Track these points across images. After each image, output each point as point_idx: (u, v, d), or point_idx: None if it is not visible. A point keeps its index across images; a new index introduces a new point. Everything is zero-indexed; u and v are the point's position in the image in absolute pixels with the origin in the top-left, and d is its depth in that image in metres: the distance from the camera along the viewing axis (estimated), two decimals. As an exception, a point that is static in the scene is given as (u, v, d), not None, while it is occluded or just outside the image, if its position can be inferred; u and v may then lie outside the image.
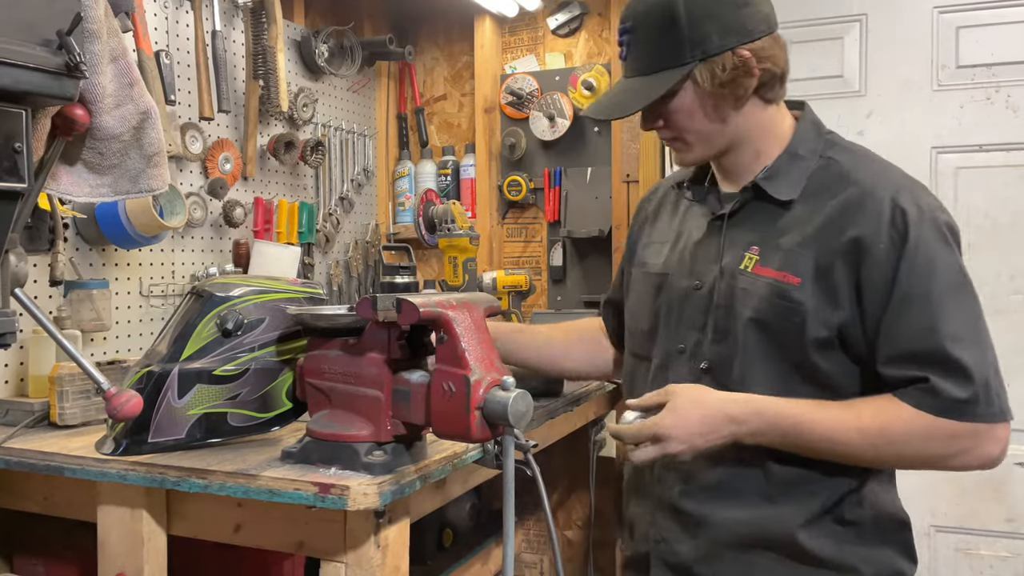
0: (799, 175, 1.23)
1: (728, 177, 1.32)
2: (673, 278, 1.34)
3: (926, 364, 1.12)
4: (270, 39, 2.25)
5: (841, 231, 1.17)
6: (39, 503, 1.44)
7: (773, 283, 1.19)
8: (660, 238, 1.42)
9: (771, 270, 1.20)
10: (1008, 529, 2.20)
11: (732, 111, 1.23)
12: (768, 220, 1.24)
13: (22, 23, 0.90)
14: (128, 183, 1.14)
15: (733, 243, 1.26)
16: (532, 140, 2.80)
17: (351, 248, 2.76)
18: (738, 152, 1.27)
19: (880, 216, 1.15)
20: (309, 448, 1.22)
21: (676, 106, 1.23)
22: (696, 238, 1.33)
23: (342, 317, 1.22)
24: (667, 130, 1.27)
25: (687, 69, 1.19)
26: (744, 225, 1.26)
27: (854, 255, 1.15)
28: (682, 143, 1.27)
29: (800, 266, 1.18)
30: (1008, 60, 2.19)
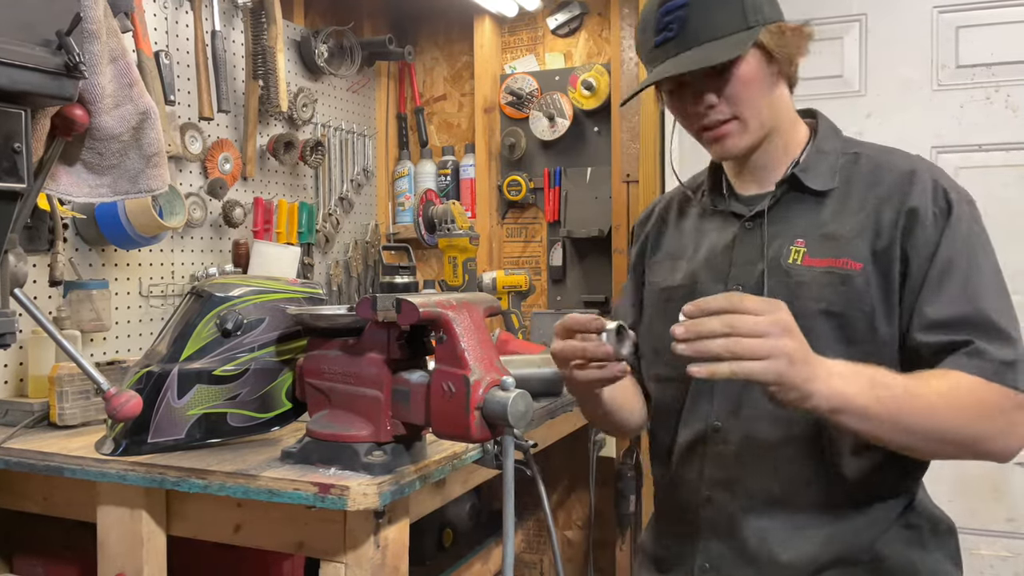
0: (830, 168, 1.21)
1: (753, 176, 1.26)
2: (703, 287, 1.24)
3: (970, 328, 1.09)
4: (270, 39, 2.25)
5: (899, 206, 1.14)
6: (39, 503, 1.44)
7: (834, 271, 1.14)
8: (671, 254, 1.34)
9: (828, 259, 1.15)
10: (1008, 529, 2.20)
11: (774, 88, 1.20)
12: (806, 213, 1.20)
13: (21, 23, 0.90)
14: (127, 183, 1.14)
15: (772, 241, 1.20)
16: (532, 140, 2.80)
17: (351, 248, 2.76)
18: (771, 144, 1.22)
19: (926, 191, 1.15)
20: (309, 448, 1.22)
21: (742, 73, 1.15)
22: (724, 242, 1.25)
23: (342, 317, 1.22)
24: (722, 107, 1.17)
25: (756, 32, 1.15)
26: (781, 221, 1.21)
27: (908, 226, 1.13)
28: (739, 123, 1.18)
29: (859, 252, 1.14)
30: (1008, 60, 2.18)
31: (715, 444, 1.22)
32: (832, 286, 1.14)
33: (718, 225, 1.28)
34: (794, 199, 1.21)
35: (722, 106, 1.18)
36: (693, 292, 1.24)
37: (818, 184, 1.20)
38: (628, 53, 2.63)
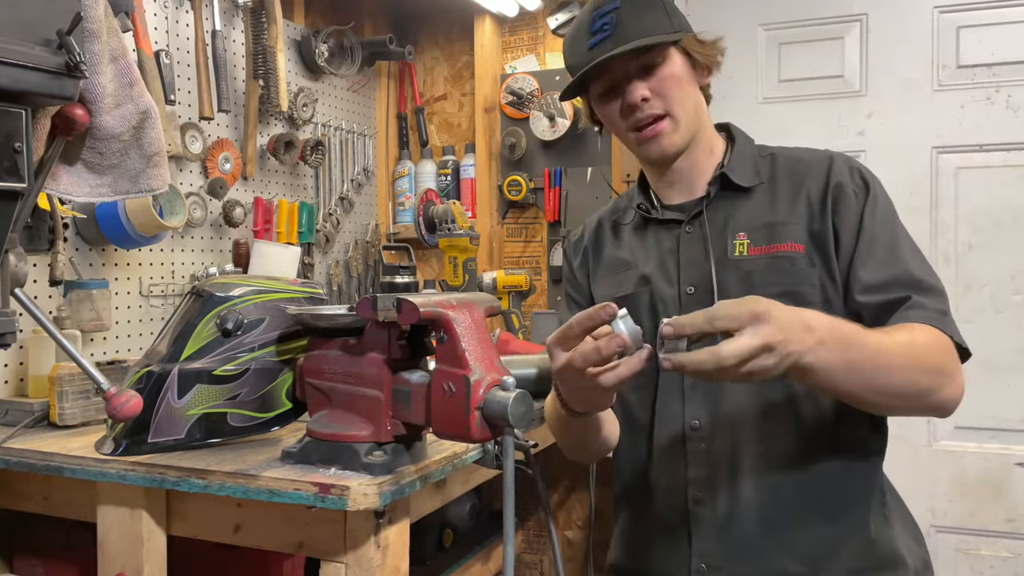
0: (753, 166, 1.28)
1: (681, 183, 1.30)
2: (657, 289, 1.27)
3: (903, 286, 1.16)
4: (270, 39, 2.25)
5: (824, 186, 1.22)
6: (39, 503, 1.44)
7: (781, 255, 1.20)
8: (616, 267, 1.35)
9: (772, 245, 1.21)
10: (1008, 529, 2.20)
11: (696, 92, 1.27)
12: (741, 209, 1.26)
13: (22, 23, 0.90)
14: (128, 183, 1.14)
15: (713, 239, 1.25)
16: (532, 140, 2.80)
17: (351, 248, 2.76)
18: (697, 149, 1.28)
19: (844, 171, 1.23)
20: (309, 448, 1.22)
21: (671, 71, 1.23)
22: (668, 248, 1.29)
23: (342, 317, 1.22)
24: (655, 102, 1.23)
25: (680, 34, 1.23)
26: (717, 220, 1.26)
27: (835, 202, 1.21)
28: (671, 121, 1.23)
29: (799, 235, 1.21)
30: (1008, 60, 2.19)
31: (696, 442, 1.23)
32: (782, 269, 1.20)
33: (656, 235, 1.32)
34: (725, 198, 1.27)
35: (654, 101, 1.23)
36: (650, 296, 1.27)
37: (746, 181, 1.27)
38: (628, 53, 2.63)
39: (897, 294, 1.15)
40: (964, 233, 2.24)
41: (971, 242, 2.23)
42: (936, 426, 2.26)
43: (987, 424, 2.20)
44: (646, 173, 1.36)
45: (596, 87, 1.27)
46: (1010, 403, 2.18)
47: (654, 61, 1.23)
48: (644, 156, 1.29)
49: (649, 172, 1.35)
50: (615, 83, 1.24)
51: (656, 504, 1.28)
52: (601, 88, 1.26)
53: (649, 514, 1.30)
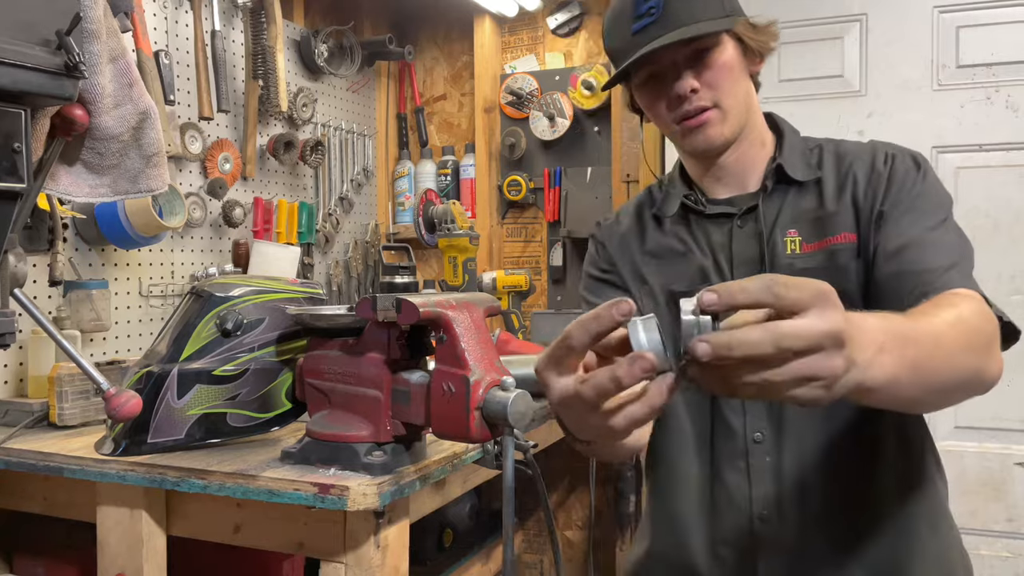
0: (805, 160, 1.20)
1: (730, 177, 1.22)
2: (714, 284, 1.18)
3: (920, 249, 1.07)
4: (269, 39, 2.25)
5: (869, 170, 1.15)
6: (39, 503, 1.44)
7: (834, 248, 1.12)
8: (662, 256, 1.25)
9: (824, 240, 1.13)
10: (1008, 529, 2.20)
11: (746, 81, 1.19)
12: (791, 204, 1.18)
13: (21, 23, 0.90)
14: (127, 183, 1.14)
15: (764, 236, 1.17)
16: (532, 140, 2.80)
17: (351, 248, 2.76)
18: (746, 141, 1.20)
19: (891, 154, 1.16)
20: (309, 448, 1.22)
21: (720, 58, 1.14)
22: (718, 243, 1.20)
23: (342, 317, 1.21)
24: (703, 93, 1.14)
25: (733, 20, 1.14)
26: (767, 216, 1.18)
27: (881, 182, 1.13)
28: (719, 112, 1.15)
29: (849, 223, 1.13)
30: (1008, 60, 2.18)
31: (759, 457, 1.14)
32: (835, 266, 1.11)
33: (704, 230, 1.22)
34: (778, 192, 1.19)
35: (703, 92, 1.14)
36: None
37: (801, 174, 1.18)
38: (628, 53, 2.63)
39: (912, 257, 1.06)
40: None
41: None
42: (936, 426, 2.25)
43: (987, 424, 2.20)
44: (688, 167, 1.26)
45: (640, 75, 1.18)
46: (1010, 403, 2.18)
47: (705, 49, 1.14)
48: (689, 148, 1.20)
49: (692, 166, 1.25)
50: (661, 72, 1.16)
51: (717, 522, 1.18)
52: (645, 76, 1.18)
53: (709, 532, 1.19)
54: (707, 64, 1.14)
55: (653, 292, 1.24)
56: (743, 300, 0.65)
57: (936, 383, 0.84)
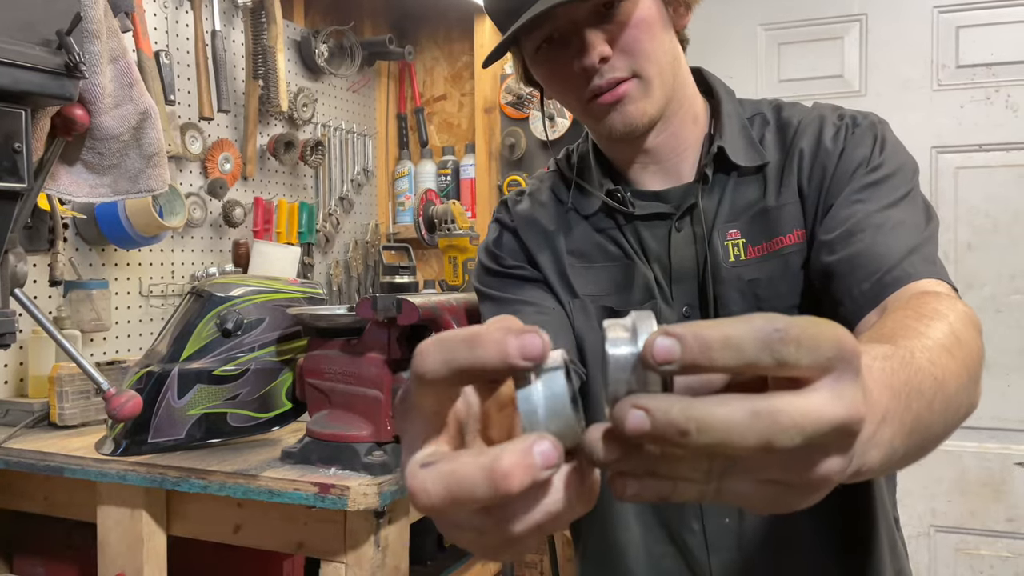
0: (747, 138, 0.96)
1: (658, 164, 0.97)
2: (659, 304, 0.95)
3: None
4: (270, 39, 2.25)
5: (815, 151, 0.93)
6: (39, 503, 1.44)
7: (783, 252, 0.91)
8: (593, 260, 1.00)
9: (775, 240, 0.92)
10: (1008, 529, 2.20)
11: (675, 42, 0.94)
12: (730, 195, 0.95)
13: (22, 23, 0.90)
14: (128, 183, 1.14)
15: (702, 241, 0.95)
16: (532, 140, 2.80)
17: (351, 248, 2.76)
18: (679, 116, 0.96)
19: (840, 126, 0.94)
20: (309, 448, 1.22)
21: (639, 15, 0.88)
22: (654, 253, 0.96)
23: (342, 317, 1.22)
24: (617, 61, 0.89)
25: None
26: (705, 213, 0.94)
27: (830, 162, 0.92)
28: (638, 83, 0.90)
29: (796, 218, 0.92)
30: (1008, 60, 2.19)
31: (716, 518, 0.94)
32: (789, 275, 0.91)
33: (636, 234, 0.97)
34: (716, 182, 0.95)
35: (616, 59, 0.89)
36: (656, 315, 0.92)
37: (743, 158, 0.94)
38: (628, 53, 2.63)
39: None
40: (963, 233, 2.24)
41: (970, 242, 2.23)
42: (936, 426, 2.26)
43: (987, 424, 2.20)
44: (607, 151, 1.01)
45: (532, 40, 0.91)
46: (1010, 403, 2.18)
47: (613, 1, 0.88)
48: (605, 131, 0.93)
49: (611, 149, 1.00)
50: (561, 35, 0.89)
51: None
52: (539, 40, 0.91)
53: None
54: (618, 21, 0.88)
55: (585, 307, 0.98)
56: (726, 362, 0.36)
57: (930, 438, 0.57)
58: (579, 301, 0.98)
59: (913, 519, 2.26)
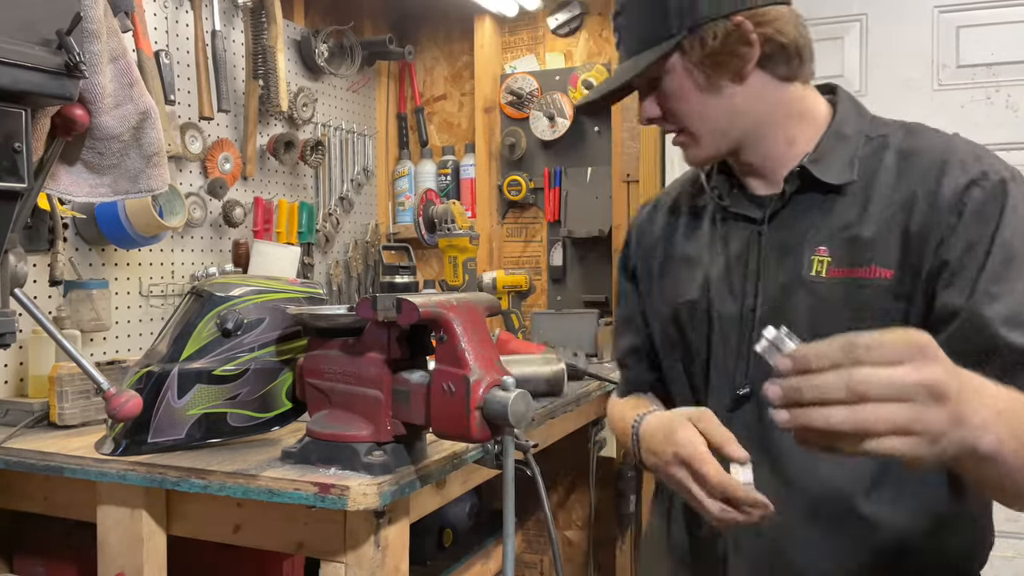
0: (848, 156, 1.04)
1: (761, 177, 1.11)
2: (718, 305, 1.10)
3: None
4: (270, 39, 2.25)
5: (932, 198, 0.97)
6: (39, 503, 1.44)
7: (862, 283, 0.99)
8: (683, 260, 1.18)
9: (854, 268, 0.99)
10: (1008, 529, 2.19)
11: (732, 90, 1.04)
12: (826, 214, 1.04)
13: (22, 22, 0.90)
14: (128, 183, 1.14)
15: (791, 249, 1.05)
16: (532, 140, 2.80)
17: (351, 248, 2.76)
18: (764, 141, 1.07)
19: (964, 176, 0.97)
20: (309, 448, 1.22)
21: (668, 88, 1.06)
22: (737, 251, 1.10)
23: (342, 317, 1.21)
24: (668, 122, 1.09)
25: (673, 42, 1.03)
26: (798, 225, 1.05)
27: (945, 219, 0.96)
28: (688, 136, 1.08)
29: (889, 256, 0.98)
30: (1008, 60, 2.19)
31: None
32: (863, 302, 0.99)
33: (732, 229, 1.12)
34: (807, 199, 1.06)
35: (666, 122, 1.10)
36: (708, 312, 1.11)
37: (833, 176, 1.03)
38: (628, 53, 2.63)
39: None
40: (964, 233, 2.24)
41: (971, 242, 2.23)
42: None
43: (987, 424, 2.20)
44: None
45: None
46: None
47: (654, 76, 1.06)
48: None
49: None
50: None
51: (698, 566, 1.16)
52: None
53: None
54: (659, 92, 1.07)
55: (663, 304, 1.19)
56: (820, 364, 0.66)
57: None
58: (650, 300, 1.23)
59: (913, 519, 2.26)
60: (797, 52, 1.06)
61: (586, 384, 1.99)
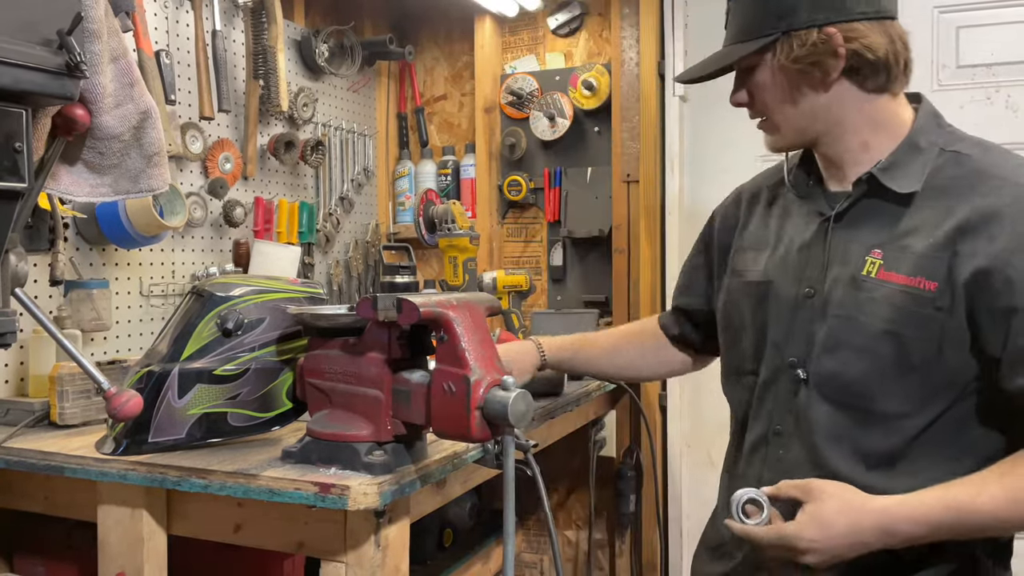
0: (919, 167, 1.13)
1: (835, 174, 1.21)
2: (778, 286, 1.22)
3: None
4: (270, 39, 2.25)
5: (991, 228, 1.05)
6: (39, 503, 1.44)
7: (906, 290, 1.08)
8: (755, 244, 1.31)
9: (902, 276, 1.09)
10: (1008, 529, 2.19)
11: (816, 93, 1.15)
12: (888, 220, 1.13)
13: (23, 23, 0.90)
14: (128, 183, 1.14)
15: (849, 246, 1.15)
16: (532, 140, 2.80)
17: (351, 248, 2.76)
18: (840, 142, 1.17)
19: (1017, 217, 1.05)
20: (309, 448, 1.22)
21: (757, 80, 1.18)
22: (803, 240, 1.21)
23: (342, 317, 1.22)
24: (753, 108, 1.22)
25: (767, 40, 1.14)
26: (861, 226, 1.15)
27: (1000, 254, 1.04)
28: (769, 123, 1.21)
29: (937, 271, 1.06)
30: (1008, 60, 2.19)
31: (775, 448, 1.21)
32: (903, 306, 1.08)
33: (802, 219, 1.24)
34: (874, 204, 1.15)
35: (751, 108, 1.22)
36: (768, 292, 1.24)
37: (900, 186, 1.12)
38: (628, 53, 2.63)
39: None
40: (964, 233, 2.24)
41: (971, 242, 2.23)
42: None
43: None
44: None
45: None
46: (1010, 403, 2.18)
47: (748, 66, 1.18)
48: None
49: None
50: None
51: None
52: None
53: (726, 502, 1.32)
54: (751, 83, 1.19)
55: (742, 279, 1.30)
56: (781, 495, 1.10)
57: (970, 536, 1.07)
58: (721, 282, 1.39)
59: (913, 519, 2.26)
60: (886, 67, 1.14)
61: (586, 384, 1.99)
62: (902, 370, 1.09)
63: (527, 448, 1.05)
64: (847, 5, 1.12)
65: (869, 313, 1.10)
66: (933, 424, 1.09)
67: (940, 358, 1.07)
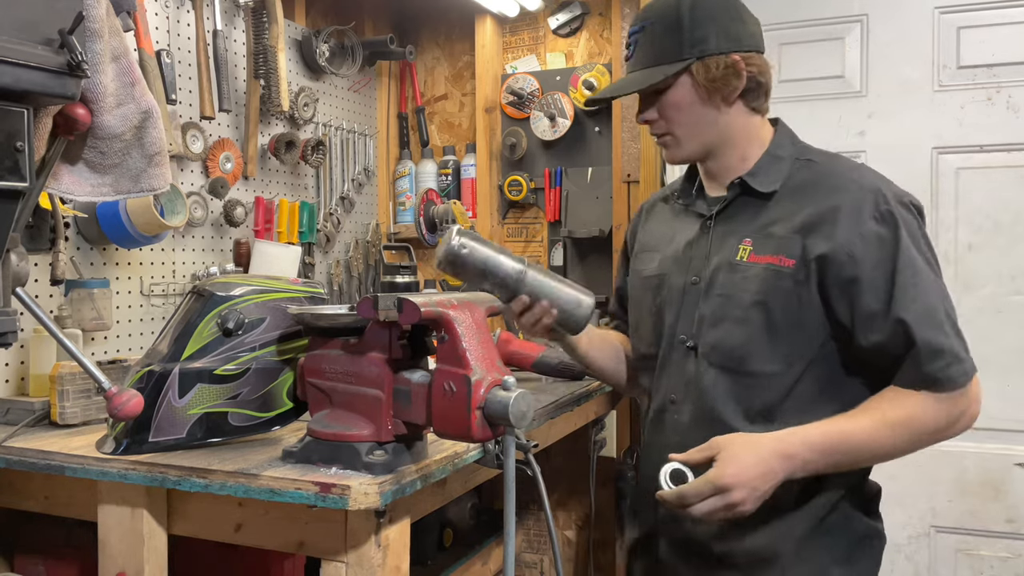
0: (778, 172, 1.38)
1: (715, 181, 1.45)
2: (670, 278, 1.45)
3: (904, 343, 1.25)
4: (271, 39, 2.26)
5: (835, 212, 1.29)
6: (40, 502, 1.44)
7: (770, 267, 1.32)
8: (651, 246, 1.54)
9: (767, 256, 1.33)
10: (1008, 529, 2.20)
11: (719, 110, 1.38)
12: (755, 215, 1.37)
13: (24, 22, 0.90)
14: (129, 182, 1.14)
15: (726, 238, 1.39)
16: (533, 140, 2.80)
17: (352, 248, 2.76)
18: (725, 155, 1.41)
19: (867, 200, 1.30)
20: (310, 448, 1.22)
21: (671, 98, 1.38)
22: (689, 239, 1.45)
23: (343, 317, 1.22)
24: (660, 124, 1.41)
25: (685, 64, 1.35)
26: (734, 221, 1.39)
27: (845, 233, 1.28)
28: (672, 138, 1.41)
29: (793, 250, 1.31)
30: (1009, 60, 2.18)
31: (672, 414, 1.42)
32: (768, 280, 1.32)
33: (688, 222, 1.48)
34: (745, 202, 1.39)
35: (660, 122, 1.41)
36: (662, 283, 1.46)
37: (764, 186, 1.37)
38: (629, 53, 2.63)
39: (896, 352, 1.25)
40: (964, 233, 2.24)
41: (971, 242, 2.23)
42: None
43: (987, 424, 2.19)
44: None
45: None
46: (1010, 403, 2.18)
47: (658, 88, 1.37)
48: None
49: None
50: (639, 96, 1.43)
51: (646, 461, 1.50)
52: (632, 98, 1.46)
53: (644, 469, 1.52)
54: (661, 102, 1.39)
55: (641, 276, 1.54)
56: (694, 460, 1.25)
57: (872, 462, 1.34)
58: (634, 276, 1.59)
59: (913, 519, 2.26)
60: (767, 91, 1.41)
61: (586, 384, 1.99)
62: (770, 334, 1.31)
63: (527, 448, 1.05)
64: (743, 40, 1.37)
65: (743, 289, 1.33)
66: (800, 380, 1.31)
67: (800, 322, 1.30)
